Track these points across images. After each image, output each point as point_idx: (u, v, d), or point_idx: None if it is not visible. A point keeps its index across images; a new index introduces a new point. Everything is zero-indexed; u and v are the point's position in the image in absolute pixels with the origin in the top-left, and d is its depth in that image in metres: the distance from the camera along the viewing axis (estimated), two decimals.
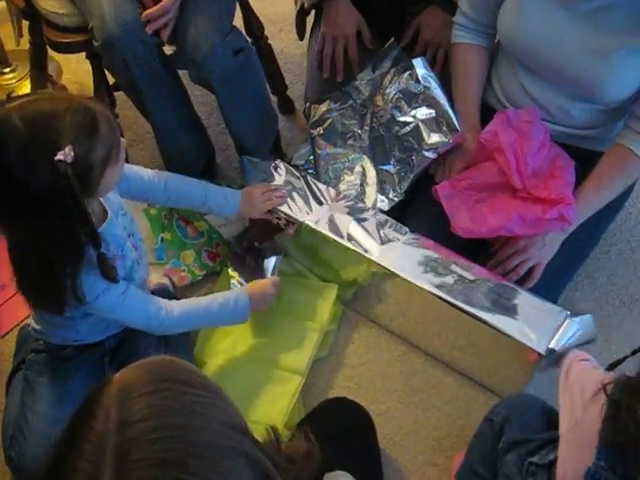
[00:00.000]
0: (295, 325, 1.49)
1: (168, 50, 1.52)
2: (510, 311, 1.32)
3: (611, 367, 1.11)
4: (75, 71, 2.10)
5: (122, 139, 1.11)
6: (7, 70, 2.05)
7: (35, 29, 1.67)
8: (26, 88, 1.98)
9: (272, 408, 1.39)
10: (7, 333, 1.57)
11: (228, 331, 1.50)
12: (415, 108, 1.52)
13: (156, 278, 1.59)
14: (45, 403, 1.32)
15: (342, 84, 1.67)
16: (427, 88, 1.51)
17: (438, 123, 1.49)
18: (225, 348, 1.49)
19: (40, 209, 1.01)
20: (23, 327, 1.46)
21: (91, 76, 1.66)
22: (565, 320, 1.31)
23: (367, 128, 1.61)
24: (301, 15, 1.80)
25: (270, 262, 1.49)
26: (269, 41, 1.87)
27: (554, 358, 1.27)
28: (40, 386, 1.34)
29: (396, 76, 1.55)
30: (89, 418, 0.60)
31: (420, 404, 1.46)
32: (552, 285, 1.44)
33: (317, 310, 1.51)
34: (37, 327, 1.36)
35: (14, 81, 2.04)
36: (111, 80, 1.64)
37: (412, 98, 1.52)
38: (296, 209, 1.48)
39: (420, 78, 1.51)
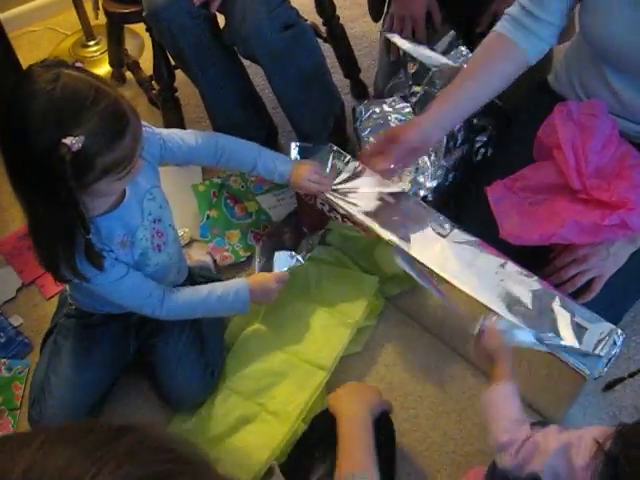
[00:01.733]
0: (327, 318, 1.43)
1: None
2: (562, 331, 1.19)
3: (607, 387, 0.97)
4: None
5: (141, 163, 1.08)
6: (92, 43, 2.11)
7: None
8: (106, 61, 2.03)
9: (291, 401, 1.33)
10: (52, 297, 1.59)
11: (259, 314, 1.45)
12: None
13: (198, 255, 1.58)
14: (68, 367, 1.34)
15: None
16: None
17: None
18: (254, 333, 1.44)
19: (32, 175, 0.99)
20: (64, 291, 1.48)
21: None
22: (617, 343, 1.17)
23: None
24: None
25: (279, 256, 1.41)
26: (352, 24, 1.81)
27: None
28: (65, 350, 1.36)
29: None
30: None
31: (453, 415, 1.35)
32: (613, 303, 1.28)
33: (353, 304, 1.44)
34: (70, 291, 1.38)
35: (98, 53, 2.10)
36: None
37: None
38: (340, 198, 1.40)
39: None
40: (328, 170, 1.44)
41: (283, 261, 1.40)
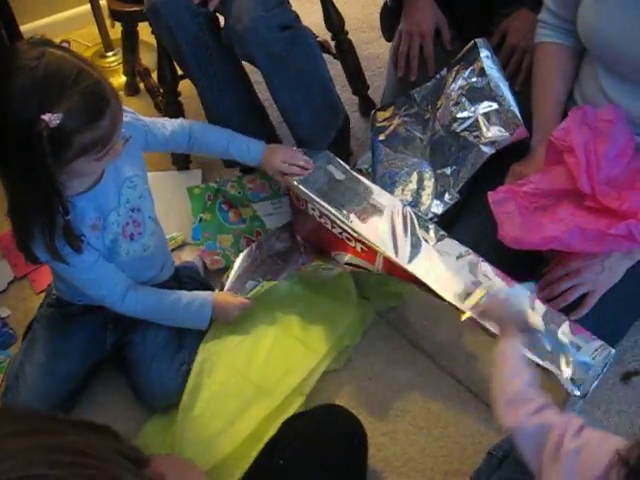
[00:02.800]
0: (297, 345, 1.38)
1: None
2: (548, 343, 1.14)
3: (626, 377, 0.89)
4: None
5: (120, 146, 1.10)
6: (110, 54, 2.17)
7: None
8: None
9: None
10: (42, 291, 1.58)
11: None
12: (476, 103, 1.38)
13: (188, 256, 1.56)
14: (43, 355, 1.32)
15: (415, 84, 1.57)
16: (490, 80, 1.37)
17: (499, 116, 1.35)
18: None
19: (11, 151, 1.00)
20: (50, 284, 1.47)
21: None
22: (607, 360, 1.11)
23: (429, 132, 1.50)
24: (387, 13, 1.73)
25: (250, 284, 1.42)
26: (366, 45, 1.82)
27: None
28: (42, 339, 1.34)
29: (459, 73, 1.43)
30: None
31: (434, 432, 1.29)
32: (607, 320, 1.22)
33: (326, 331, 1.39)
34: (53, 281, 1.37)
35: (115, 64, 2.15)
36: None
37: (474, 93, 1.39)
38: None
39: (484, 64, 1.38)
40: (320, 173, 1.43)
41: (251, 288, 1.41)
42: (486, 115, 1.37)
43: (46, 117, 0.95)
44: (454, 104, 1.41)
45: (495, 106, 1.36)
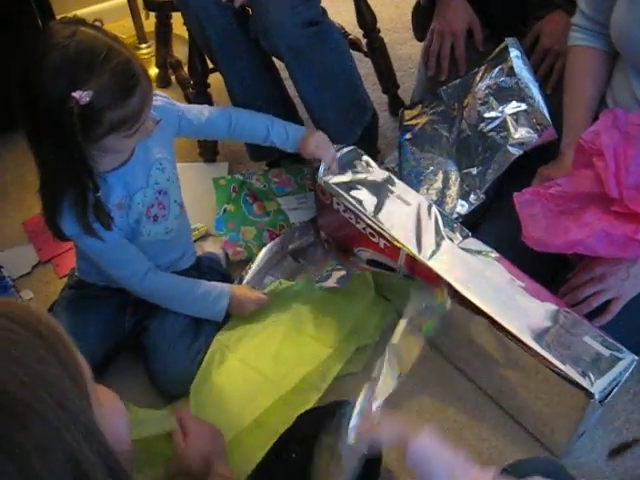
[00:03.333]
0: (307, 340, 1.37)
1: None
2: (569, 346, 1.12)
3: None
4: None
5: (151, 125, 1.12)
6: (143, 46, 2.19)
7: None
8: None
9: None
10: (65, 276, 1.59)
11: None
12: (504, 103, 1.37)
13: (211, 248, 1.56)
14: None
15: (445, 84, 1.56)
16: (519, 80, 1.35)
17: (528, 117, 1.33)
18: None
19: (43, 128, 1.02)
20: (73, 267, 1.48)
21: None
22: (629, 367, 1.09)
23: (456, 131, 1.48)
24: (419, 12, 1.73)
25: (268, 280, 1.44)
26: (400, 46, 1.81)
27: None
28: (60, 320, 1.32)
29: (487, 72, 1.42)
30: None
31: (449, 434, 1.27)
32: (631, 328, 1.19)
33: (337, 323, 1.38)
34: (77, 261, 1.38)
35: (148, 56, 2.16)
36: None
37: (502, 92, 1.38)
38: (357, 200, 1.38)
39: (513, 64, 1.36)
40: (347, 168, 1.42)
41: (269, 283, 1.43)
42: (514, 115, 1.36)
43: (77, 94, 0.97)
44: (481, 103, 1.40)
45: (524, 107, 1.35)
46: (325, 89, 1.48)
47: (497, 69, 1.40)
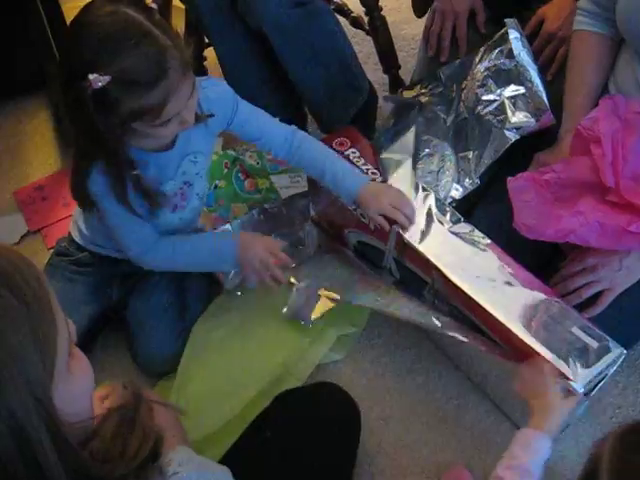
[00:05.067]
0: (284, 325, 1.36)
1: None
2: (556, 336, 1.10)
3: None
4: None
5: (191, 118, 1.06)
6: None
7: None
8: None
9: None
10: (53, 247, 1.58)
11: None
12: (503, 85, 1.33)
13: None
14: None
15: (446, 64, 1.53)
16: (517, 62, 1.32)
17: (526, 101, 1.30)
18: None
19: (73, 101, 0.99)
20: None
21: None
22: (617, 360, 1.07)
23: (453, 114, 1.45)
24: None
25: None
26: (404, 25, 1.77)
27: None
28: None
29: (487, 54, 1.38)
30: None
31: (433, 420, 1.25)
32: (622, 321, 1.17)
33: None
34: (76, 222, 1.35)
35: None
36: None
37: (501, 75, 1.34)
38: None
39: (512, 46, 1.33)
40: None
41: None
42: (512, 99, 1.33)
43: (92, 77, 0.94)
44: (479, 85, 1.37)
45: (522, 90, 1.32)
46: (314, 69, 1.45)
47: (497, 51, 1.36)
